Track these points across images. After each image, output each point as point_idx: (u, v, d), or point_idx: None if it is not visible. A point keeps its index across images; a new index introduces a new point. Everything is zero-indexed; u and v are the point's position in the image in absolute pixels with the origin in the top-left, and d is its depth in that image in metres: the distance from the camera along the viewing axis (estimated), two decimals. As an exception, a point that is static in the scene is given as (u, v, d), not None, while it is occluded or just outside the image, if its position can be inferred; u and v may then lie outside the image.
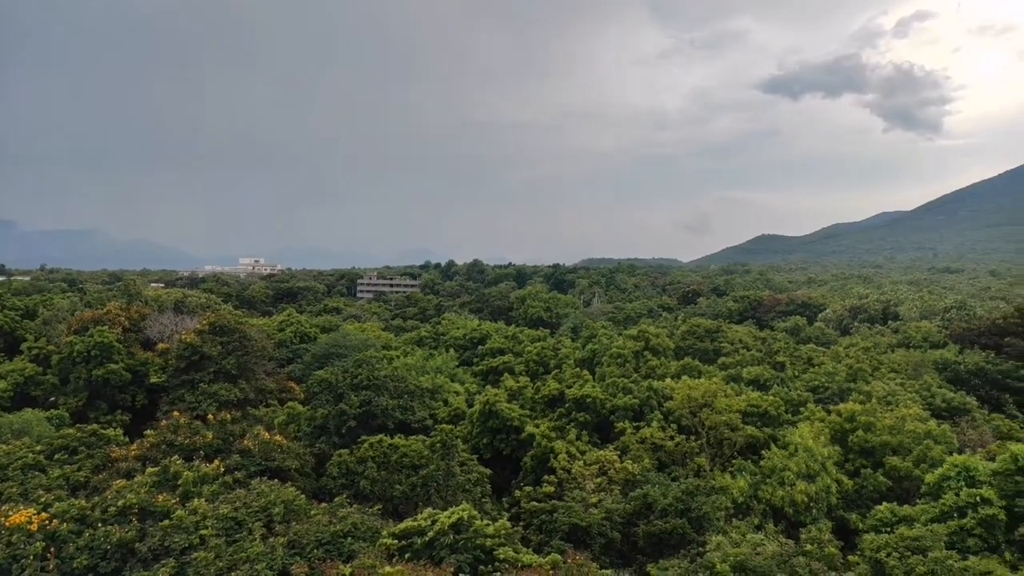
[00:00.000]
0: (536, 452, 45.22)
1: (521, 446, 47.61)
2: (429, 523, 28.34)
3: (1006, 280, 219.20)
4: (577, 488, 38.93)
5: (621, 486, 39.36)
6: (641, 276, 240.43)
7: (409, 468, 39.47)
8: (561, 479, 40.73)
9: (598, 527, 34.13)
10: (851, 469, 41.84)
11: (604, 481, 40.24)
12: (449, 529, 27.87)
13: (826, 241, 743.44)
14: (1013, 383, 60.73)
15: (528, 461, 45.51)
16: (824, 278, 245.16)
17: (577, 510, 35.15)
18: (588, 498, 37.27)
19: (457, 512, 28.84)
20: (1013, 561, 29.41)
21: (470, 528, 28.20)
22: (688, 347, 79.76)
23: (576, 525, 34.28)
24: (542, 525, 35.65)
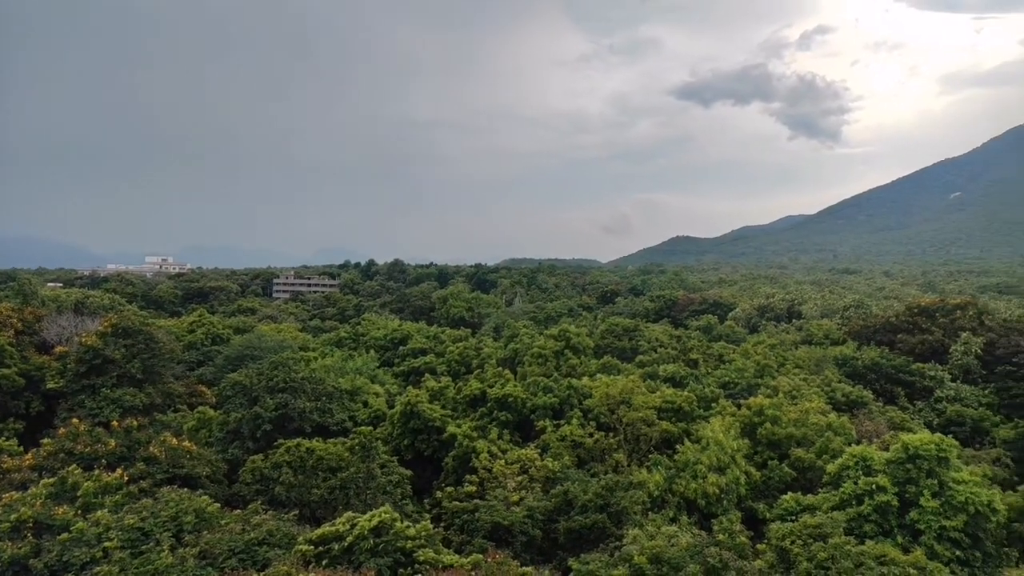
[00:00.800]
0: (458, 452, 45.17)
1: (443, 446, 47.44)
2: (348, 527, 27.82)
3: (898, 281, 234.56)
4: (499, 487, 39.14)
5: (542, 484, 39.83)
6: (562, 276, 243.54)
7: (327, 471, 38.63)
8: (483, 478, 40.85)
9: (519, 525, 34.41)
10: (759, 461, 43.77)
11: (525, 479, 40.62)
12: (369, 533, 27.44)
13: (736, 243, 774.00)
14: (905, 377, 65.01)
15: (450, 461, 45.41)
16: (734, 278, 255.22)
17: (499, 509, 35.33)
18: (509, 496, 37.52)
19: (377, 515, 28.43)
20: (905, 544, 31.50)
21: (391, 531, 27.85)
22: (607, 346, 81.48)
23: (498, 524, 34.44)
24: (464, 525, 35.64)
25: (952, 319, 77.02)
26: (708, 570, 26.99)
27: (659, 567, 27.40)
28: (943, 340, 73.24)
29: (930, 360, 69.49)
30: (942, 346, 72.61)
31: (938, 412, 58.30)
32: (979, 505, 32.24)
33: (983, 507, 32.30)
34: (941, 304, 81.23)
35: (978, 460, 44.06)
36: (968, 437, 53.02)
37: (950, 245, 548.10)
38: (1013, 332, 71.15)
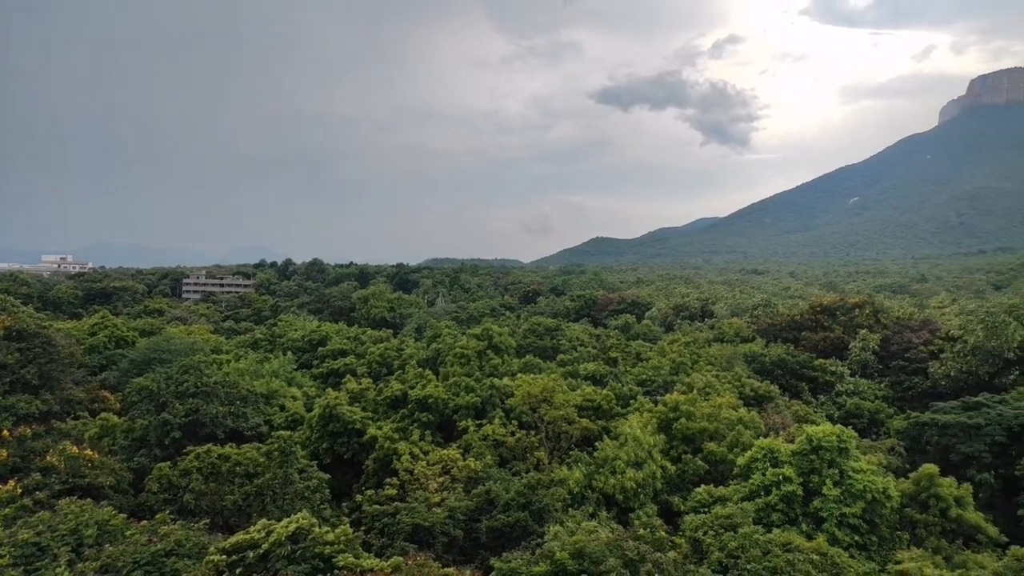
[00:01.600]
0: (378, 454, 44.58)
1: (363, 449, 46.70)
2: (263, 534, 26.97)
3: (802, 281, 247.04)
4: (420, 488, 38.86)
5: (464, 484, 39.79)
6: (484, 276, 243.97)
7: (242, 478, 37.34)
8: (404, 480, 40.46)
9: (441, 526, 34.25)
10: (675, 455, 45.13)
11: (447, 480, 40.48)
12: (286, 539, 26.69)
13: (653, 244, 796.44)
14: (808, 372, 68.47)
15: (370, 464, 44.75)
16: (651, 278, 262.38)
17: (420, 510, 35.06)
18: (431, 498, 37.31)
19: (295, 521, 27.70)
20: (809, 531, 33.20)
21: (309, 536, 27.18)
22: (529, 345, 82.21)
23: (419, 525, 34.17)
24: (384, 528, 35.19)
25: (851, 317, 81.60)
26: (627, 563, 27.64)
27: (580, 562, 27.85)
28: (843, 337, 77.53)
29: (831, 356, 73.39)
30: (842, 343, 76.86)
31: (839, 405, 61.65)
32: (876, 492, 34.32)
33: (879, 494, 34.41)
34: (841, 303, 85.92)
35: (874, 450, 46.84)
36: (866, 428, 56.34)
37: (849, 247, 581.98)
38: (905, 329, 76.10)
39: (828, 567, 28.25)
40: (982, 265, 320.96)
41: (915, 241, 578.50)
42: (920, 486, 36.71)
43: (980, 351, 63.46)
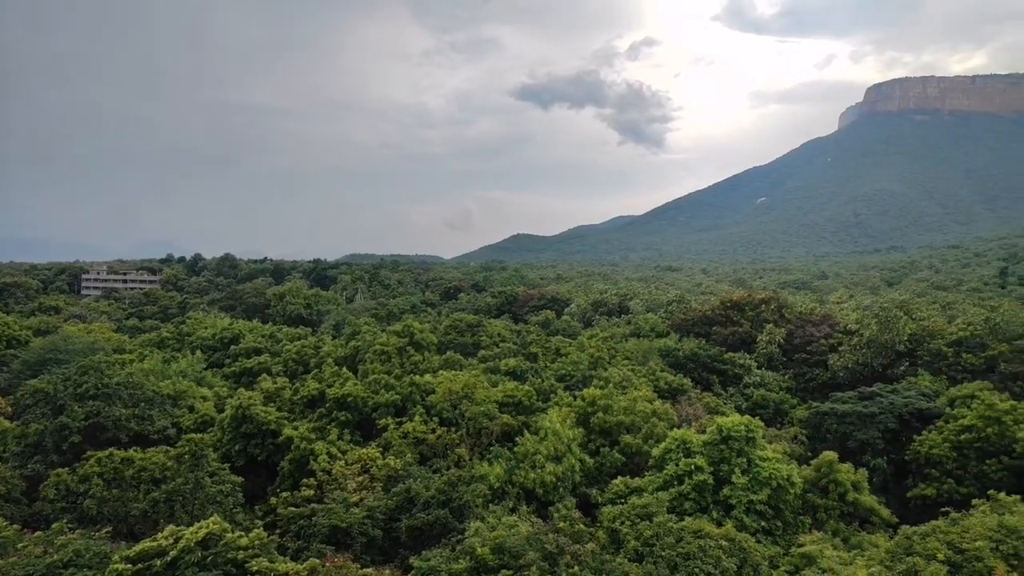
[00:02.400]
0: (294, 455, 43.46)
1: (278, 450, 45.41)
2: (172, 541, 25.87)
3: (714, 277, 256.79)
4: (338, 489, 38.14)
5: (384, 483, 39.33)
6: (405, 272, 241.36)
7: (149, 483, 35.64)
8: (321, 481, 39.61)
9: (360, 526, 33.75)
10: (593, 448, 46.08)
11: (366, 479, 39.91)
12: (196, 546, 25.69)
13: (572, 241, 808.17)
14: (719, 365, 71.22)
15: (286, 465, 43.57)
16: (571, 275, 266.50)
17: (338, 511, 34.42)
18: (349, 498, 36.69)
19: (205, 526, 26.70)
20: (719, 518, 34.59)
21: (220, 542, 26.27)
22: (450, 341, 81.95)
23: (337, 527, 33.56)
24: (300, 531, 34.36)
25: (758, 312, 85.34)
26: (546, 556, 28.05)
27: (500, 557, 28.06)
28: (751, 331, 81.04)
29: (740, 349, 76.62)
30: (750, 337, 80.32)
31: (746, 396, 64.45)
32: (780, 479, 36.10)
33: (784, 481, 36.21)
34: (749, 299, 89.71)
35: (779, 439, 49.30)
36: (771, 418, 59.17)
37: (757, 245, 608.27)
38: (807, 324, 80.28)
39: (736, 552, 29.52)
40: (876, 263, 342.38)
41: (816, 240, 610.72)
42: (821, 472, 38.85)
43: (874, 344, 67.65)
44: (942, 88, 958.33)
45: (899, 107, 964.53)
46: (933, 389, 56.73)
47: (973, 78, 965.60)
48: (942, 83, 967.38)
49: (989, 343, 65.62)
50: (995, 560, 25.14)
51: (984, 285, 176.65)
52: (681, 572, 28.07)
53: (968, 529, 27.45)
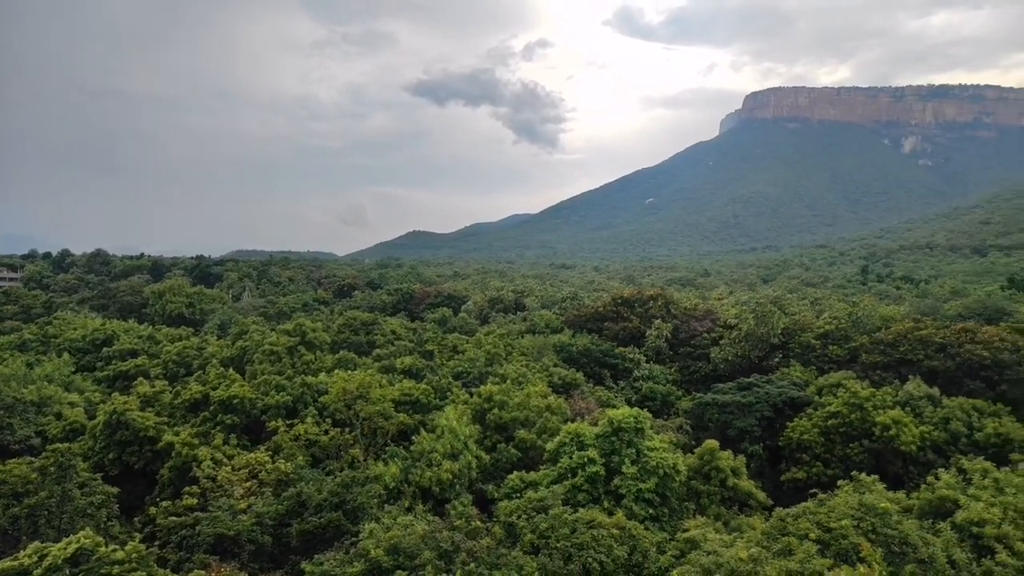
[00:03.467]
0: (175, 462, 41.18)
1: (157, 457, 42.89)
2: (36, 560, 23.88)
3: (605, 275, 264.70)
4: (224, 496, 36.46)
5: (273, 487, 37.97)
6: (296, 269, 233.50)
7: (9, 498, 32.69)
8: (205, 488, 37.72)
9: (248, 533, 32.41)
10: (489, 444, 46.39)
11: (255, 484, 38.39)
12: (64, 563, 23.85)
13: (469, 238, 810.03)
14: (610, 360, 73.46)
15: (166, 473, 41.22)
16: (467, 272, 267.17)
17: (223, 519, 32.89)
18: (236, 505, 35.15)
19: (75, 541, 24.82)
20: (610, 508, 35.70)
21: (92, 557, 24.50)
22: (344, 340, 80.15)
23: (223, 535, 32.07)
24: (182, 541, 32.59)
25: (647, 308, 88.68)
26: (442, 554, 27.99)
27: (395, 558, 27.74)
28: (640, 327, 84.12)
29: (630, 344, 79.38)
30: (639, 332, 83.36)
31: (636, 389, 66.86)
32: (667, 468, 37.71)
33: (670, 469, 37.85)
34: (638, 296, 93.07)
35: (666, 429, 51.46)
36: (659, 409, 61.68)
37: (646, 244, 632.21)
38: (692, 319, 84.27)
39: (627, 539, 30.61)
40: (753, 261, 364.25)
41: (700, 239, 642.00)
42: (704, 460, 40.91)
43: (752, 337, 71.91)
44: (812, 98, 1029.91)
45: (774, 115, 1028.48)
46: (803, 379, 60.98)
47: (838, 89, 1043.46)
48: (812, 93, 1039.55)
49: (852, 335, 71.28)
50: (857, 537, 27.33)
51: (848, 282, 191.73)
52: (575, 562, 28.80)
53: (834, 509, 29.71)
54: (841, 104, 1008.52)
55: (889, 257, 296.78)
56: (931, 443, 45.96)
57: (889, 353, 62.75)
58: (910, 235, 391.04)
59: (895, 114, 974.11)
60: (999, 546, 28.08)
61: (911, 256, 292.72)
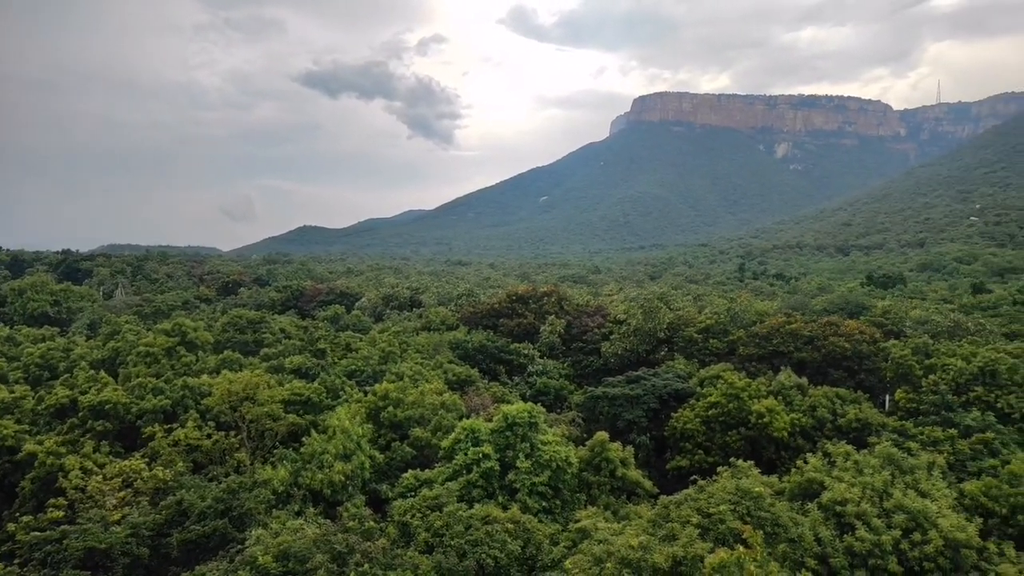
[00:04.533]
0: (38, 473, 38.08)
1: (18, 468, 39.47)
2: None
3: (501, 272, 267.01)
4: (95, 507, 34.09)
5: (151, 496, 35.89)
6: (176, 265, 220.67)
7: None
8: (73, 500, 35.15)
9: (122, 546, 30.45)
10: (383, 443, 45.81)
11: (130, 494, 36.14)
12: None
13: (363, 234, 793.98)
14: (505, 356, 74.28)
15: (27, 485, 38.00)
16: (361, 269, 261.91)
17: (94, 532, 30.75)
18: (109, 516, 32.97)
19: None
20: (505, 502, 36.11)
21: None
22: (229, 340, 76.69)
23: (93, 549, 29.99)
24: (47, 558, 30.20)
25: (541, 305, 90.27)
26: (335, 557, 27.41)
27: (285, 564, 26.92)
28: (534, 323, 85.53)
29: (525, 340, 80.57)
30: (534, 328, 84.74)
31: (530, 384, 67.91)
32: (560, 461, 38.58)
33: (563, 462, 38.74)
34: (533, 292, 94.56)
35: (559, 422, 52.58)
36: (552, 403, 62.93)
37: (540, 241, 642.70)
38: (584, 315, 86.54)
39: (521, 533, 31.12)
40: (641, 259, 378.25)
41: (591, 237, 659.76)
42: (594, 451, 42.15)
43: (640, 332, 74.72)
44: (695, 103, 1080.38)
45: (660, 118, 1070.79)
46: (687, 371, 64.02)
47: (719, 96, 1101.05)
48: (695, 99, 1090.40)
49: (730, 329, 75.54)
50: (734, 521, 29.07)
51: (727, 279, 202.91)
52: (470, 558, 28.96)
53: (713, 495, 31.44)
54: (721, 110, 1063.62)
55: (764, 256, 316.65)
56: (800, 429, 49.44)
57: (763, 346, 66.96)
58: (782, 235, 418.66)
59: (769, 121, 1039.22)
60: (859, 523, 30.66)
61: (783, 255, 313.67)
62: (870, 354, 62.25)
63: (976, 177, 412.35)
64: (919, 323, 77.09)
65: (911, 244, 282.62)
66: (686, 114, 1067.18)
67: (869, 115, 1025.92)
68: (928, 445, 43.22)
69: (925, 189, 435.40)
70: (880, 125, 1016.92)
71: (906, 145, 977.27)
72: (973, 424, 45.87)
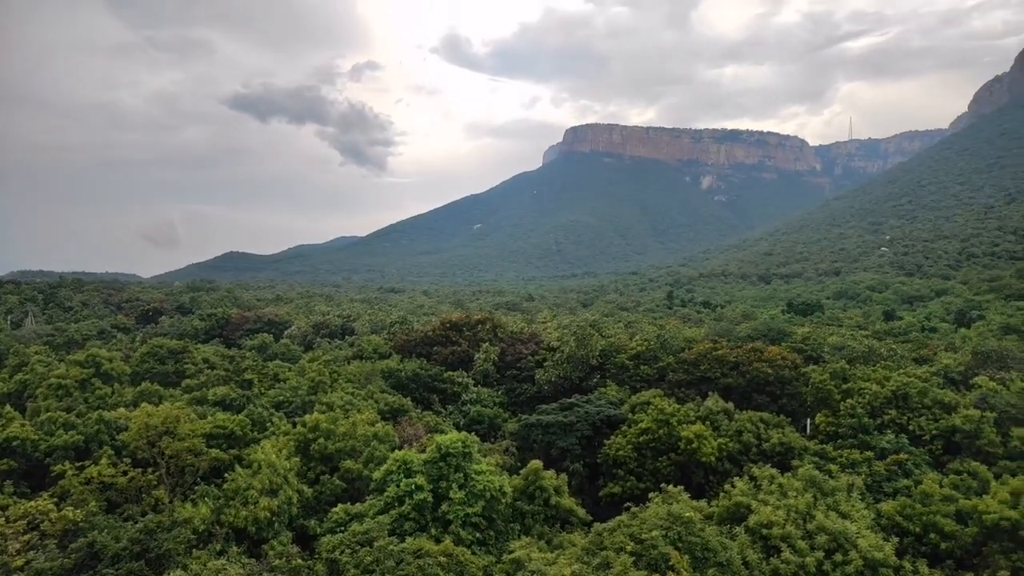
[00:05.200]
0: (-69, 519, 35.16)
1: (-94, 515, 36.34)
2: None
3: (435, 299, 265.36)
4: (-5, 554, 31.69)
5: (59, 539, 33.65)
6: (92, 292, 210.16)
7: None
8: (-29, 547, 32.56)
9: (25, 596, 28.41)
10: (312, 477, 44.46)
11: (35, 537, 33.78)
12: None
13: (293, 260, 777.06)
14: (439, 384, 73.63)
15: (-82, 533, 35.02)
16: (291, 296, 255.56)
17: (-5, 581, 28.59)
18: (11, 562, 30.74)
19: None
20: (438, 535, 35.54)
21: None
22: (148, 371, 73.41)
23: (-7, 600, 27.85)
24: (-61, 612, 27.87)
25: (475, 332, 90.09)
26: (259, 598, 26.30)
27: (206, 607, 25.65)
28: (468, 350, 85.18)
29: (459, 368, 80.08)
30: (468, 356, 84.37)
31: (464, 413, 67.49)
32: (494, 491, 38.31)
33: (497, 492, 38.48)
34: (467, 320, 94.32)
35: (493, 451, 52.37)
36: (486, 432, 62.67)
37: (474, 268, 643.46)
38: (518, 342, 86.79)
39: (454, 566, 30.63)
40: (574, 286, 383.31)
41: (525, 264, 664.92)
42: (528, 480, 42.07)
43: (573, 359, 75.45)
44: (624, 135, 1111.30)
45: (591, 149, 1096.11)
46: (619, 397, 64.93)
47: (647, 129, 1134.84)
48: (624, 131, 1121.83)
49: (660, 356, 77.16)
50: (666, 547, 29.48)
51: (656, 306, 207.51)
52: (401, 594, 28.28)
53: (645, 521, 31.85)
54: (649, 142, 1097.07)
55: (691, 283, 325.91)
56: (727, 453, 50.71)
57: (692, 371, 68.66)
58: (708, 264, 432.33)
59: (695, 154, 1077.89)
60: (784, 545, 31.59)
61: (709, 283, 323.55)
62: (791, 379, 64.64)
63: (886, 210, 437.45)
64: (836, 349, 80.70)
65: (827, 273, 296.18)
66: (616, 145, 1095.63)
67: (787, 150, 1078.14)
68: (847, 467, 45.07)
69: (839, 220, 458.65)
70: (797, 160, 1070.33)
71: (822, 179, 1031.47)
72: (888, 446, 48.13)
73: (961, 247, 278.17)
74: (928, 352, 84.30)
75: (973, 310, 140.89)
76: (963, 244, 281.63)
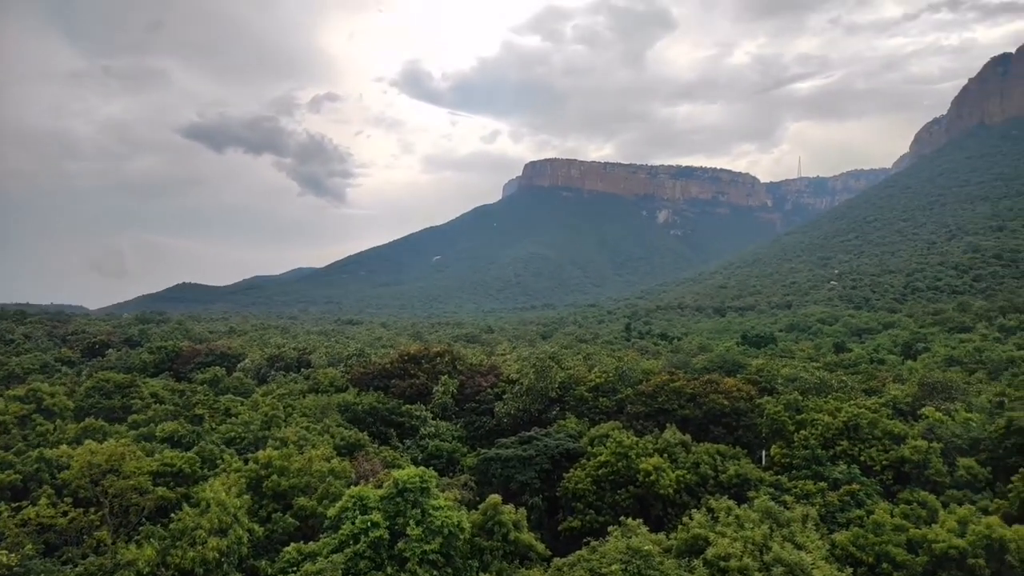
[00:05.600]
0: None
1: None
2: None
3: (393, 331, 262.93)
4: (-80, 603, 29.86)
5: (-9, 586, 31.88)
6: (35, 325, 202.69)
7: None
8: None
9: (-48, 647, 26.72)
10: (264, 515, 43.13)
11: (-35, 585, 31.94)
12: None
13: (248, 292, 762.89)
14: (396, 418, 72.58)
15: None
16: (245, 328, 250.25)
17: (-82, 633, 26.86)
18: (-62, 613, 28.94)
19: None
20: (393, 573, 34.78)
21: None
22: (93, 406, 70.83)
23: (-85, 653, 26.12)
24: None
25: (434, 365, 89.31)
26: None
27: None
28: (427, 383, 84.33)
29: (417, 401, 79.11)
30: (427, 388, 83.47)
31: (422, 448, 66.47)
32: (452, 527, 37.67)
33: (455, 528, 37.85)
34: (426, 352, 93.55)
35: (451, 486, 51.60)
36: (445, 467, 61.78)
37: (433, 300, 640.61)
38: (477, 375, 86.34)
39: (411, 605, 29.88)
40: (533, 318, 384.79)
41: (485, 296, 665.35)
42: (487, 515, 41.55)
43: (532, 391, 75.29)
44: (582, 170, 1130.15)
45: (550, 183, 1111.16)
46: (578, 430, 64.88)
47: (605, 164, 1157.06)
48: (582, 166, 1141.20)
49: (619, 388, 77.57)
50: (625, 579, 29.35)
51: (615, 338, 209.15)
52: (356, 636, 27.45)
53: (605, 555, 31.72)
54: (607, 177, 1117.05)
55: (648, 316, 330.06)
56: (685, 485, 50.97)
57: (649, 403, 69.10)
58: (665, 296, 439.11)
59: (651, 189, 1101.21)
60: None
61: (666, 315, 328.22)
62: (747, 410, 65.56)
63: (834, 245, 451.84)
64: (789, 380, 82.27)
65: (780, 306, 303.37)
66: (574, 180, 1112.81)
67: (740, 186, 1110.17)
68: (802, 498, 45.68)
69: (790, 255, 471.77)
70: (749, 196, 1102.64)
71: (773, 215, 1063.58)
72: (840, 477, 49.02)
73: (906, 281, 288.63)
74: (877, 384, 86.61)
75: (919, 342, 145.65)
76: (908, 278, 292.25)
